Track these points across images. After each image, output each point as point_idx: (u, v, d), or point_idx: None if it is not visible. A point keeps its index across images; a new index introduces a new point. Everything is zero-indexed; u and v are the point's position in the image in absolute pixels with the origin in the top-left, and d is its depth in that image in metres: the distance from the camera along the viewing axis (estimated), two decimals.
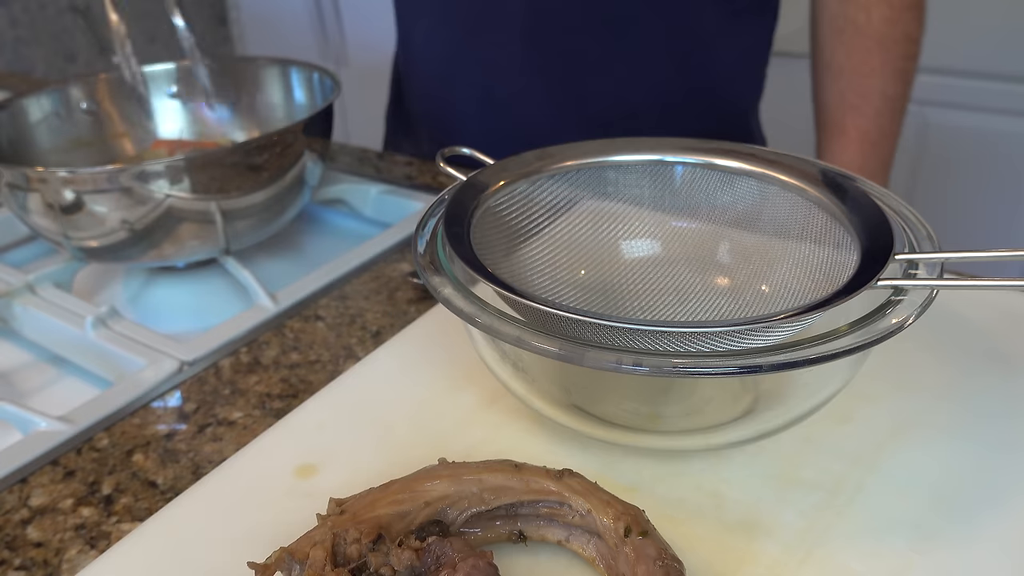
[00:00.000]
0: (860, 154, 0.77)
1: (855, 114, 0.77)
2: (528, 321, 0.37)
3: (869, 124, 0.76)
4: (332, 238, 0.76)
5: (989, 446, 0.42)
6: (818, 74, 0.80)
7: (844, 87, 0.77)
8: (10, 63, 1.95)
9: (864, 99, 0.76)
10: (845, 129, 0.77)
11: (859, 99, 0.76)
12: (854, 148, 0.77)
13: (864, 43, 0.75)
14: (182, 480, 0.45)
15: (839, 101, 0.78)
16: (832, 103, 0.78)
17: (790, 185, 0.47)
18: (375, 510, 0.35)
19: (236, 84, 0.79)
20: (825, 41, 0.78)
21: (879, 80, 0.75)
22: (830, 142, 0.79)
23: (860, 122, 0.77)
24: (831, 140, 0.79)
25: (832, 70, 0.78)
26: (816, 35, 0.79)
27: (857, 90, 0.76)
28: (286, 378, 0.53)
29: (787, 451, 0.43)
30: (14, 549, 0.42)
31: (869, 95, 0.76)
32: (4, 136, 0.70)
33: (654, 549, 0.33)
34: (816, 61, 0.80)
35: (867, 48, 0.75)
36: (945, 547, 0.37)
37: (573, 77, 0.81)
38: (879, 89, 0.76)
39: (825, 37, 0.78)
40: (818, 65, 0.80)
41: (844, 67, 0.76)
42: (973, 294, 0.54)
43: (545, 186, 0.49)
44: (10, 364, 0.61)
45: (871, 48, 0.75)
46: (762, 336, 0.36)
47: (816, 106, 0.82)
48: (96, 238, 0.61)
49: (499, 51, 0.81)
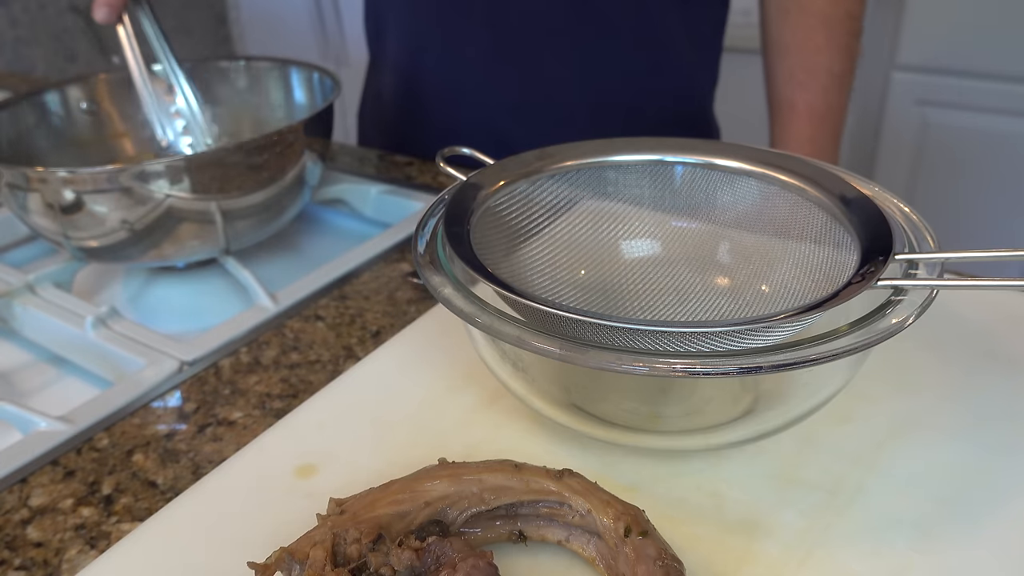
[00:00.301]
0: (810, 127, 0.81)
1: (803, 90, 0.80)
2: (528, 321, 0.37)
3: (817, 99, 0.80)
4: (332, 238, 0.76)
5: (989, 446, 0.42)
6: (768, 54, 0.84)
7: (792, 64, 0.81)
8: (10, 63, 1.96)
9: (811, 76, 0.80)
10: (795, 105, 0.81)
11: (807, 76, 0.80)
12: (803, 122, 0.81)
13: (808, 21, 0.79)
14: (182, 480, 0.45)
15: (788, 78, 0.81)
16: (782, 80, 0.82)
17: (790, 185, 0.47)
18: (375, 510, 0.35)
19: (236, 84, 0.79)
20: (772, 21, 0.82)
21: (825, 57, 0.79)
22: (781, 118, 0.83)
23: (808, 97, 0.80)
24: (782, 116, 0.83)
25: (780, 49, 0.81)
26: (764, 16, 0.83)
27: (804, 67, 0.80)
28: (286, 378, 0.53)
29: (787, 451, 0.43)
30: (14, 549, 0.42)
31: (816, 71, 0.80)
32: (4, 136, 0.70)
33: (654, 549, 0.33)
34: (765, 41, 0.84)
35: (811, 26, 0.79)
36: (945, 547, 0.37)
37: (538, 64, 0.82)
38: (825, 66, 0.79)
39: (772, 17, 0.82)
40: (767, 45, 0.84)
41: (791, 46, 0.80)
42: (973, 294, 0.54)
43: (545, 186, 0.49)
44: (10, 364, 0.61)
45: (815, 26, 0.78)
46: (762, 336, 0.36)
47: (767, 85, 0.85)
48: (96, 238, 0.61)
49: (465, 40, 0.83)
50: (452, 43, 0.84)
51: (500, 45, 0.82)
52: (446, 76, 0.85)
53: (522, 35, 0.81)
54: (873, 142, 1.65)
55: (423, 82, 0.87)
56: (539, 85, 0.83)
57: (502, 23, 0.81)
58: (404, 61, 0.88)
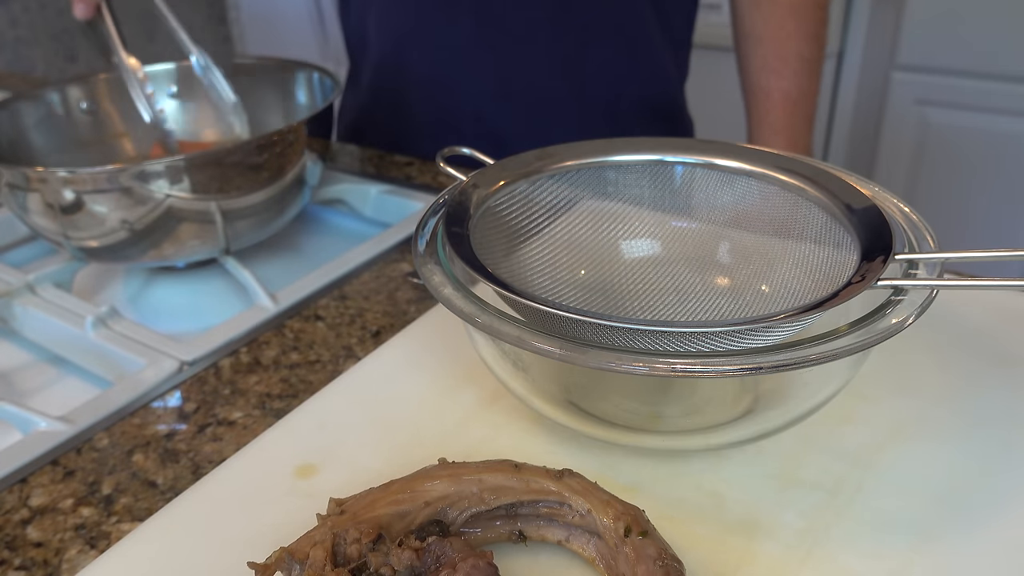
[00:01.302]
0: (784, 113, 0.85)
1: (776, 77, 0.85)
2: (528, 321, 0.37)
3: (790, 85, 0.85)
4: (332, 238, 0.76)
5: (989, 446, 0.42)
6: (740, 44, 0.88)
7: (766, 52, 0.85)
8: (10, 63, 1.96)
9: (784, 62, 0.84)
10: (769, 92, 0.85)
11: (780, 63, 0.84)
12: (779, 108, 0.85)
13: (778, 11, 0.83)
14: (182, 480, 0.45)
15: (762, 66, 0.85)
16: (756, 69, 0.86)
17: (790, 185, 0.47)
18: (375, 510, 0.35)
19: (236, 84, 0.79)
20: (744, 13, 0.86)
21: (795, 43, 0.84)
22: (757, 106, 0.87)
23: (782, 84, 0.85)
24: (758, 104, 0.87)
25: (752, 39, 0.86)
26: (736, 8, 0.87)
27: (777, 54, 0.84)
28: (286, 378, 0.53)
29: (787, 451, 0.43)
30: (14, 549, 0.42)
31: (788, 58, 0.84)
32: (4, 136, 0.70)
33: (654, 549, 0.33)
34: (738, 32, 0.88)
35: (782, 16, 0.83)
36: (945, 547, 0.37)
37: (520, 53, 0.84)
38: (796, 52, 0.84)
39: (744, 9, 0.86)
40: (740, 36, 0.88)
41: (763, 35, 0.84)
42: (973, 294, 0.54)
43: (545, 186, 0.49)
44: (10, 364, 0.61)
45: (785, 15, 0.83)
46: (762, 336, 0.36)
47: (741, 74, 0.89)
48: (96, 238, 0.61)
49: (451, 30, 0.84)
50: (436, 35, 0.85)
51: (483, 35, 0.83)
52: (431, 68, 0.87)
53: (504, 24, 0.82)
54: (873, 142, 1.65)
55: (407, 76, 0.88)
56: (522, 74, 0.85)
57: (485, 12, 0.82)
58: (388, 57, 0.89)
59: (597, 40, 0.84)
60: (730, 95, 1.02)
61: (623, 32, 0.84)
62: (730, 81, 0.95)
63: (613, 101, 0.87)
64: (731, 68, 0.91)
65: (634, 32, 0.85)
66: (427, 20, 0.85)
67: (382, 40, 0.89)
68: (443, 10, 0.83)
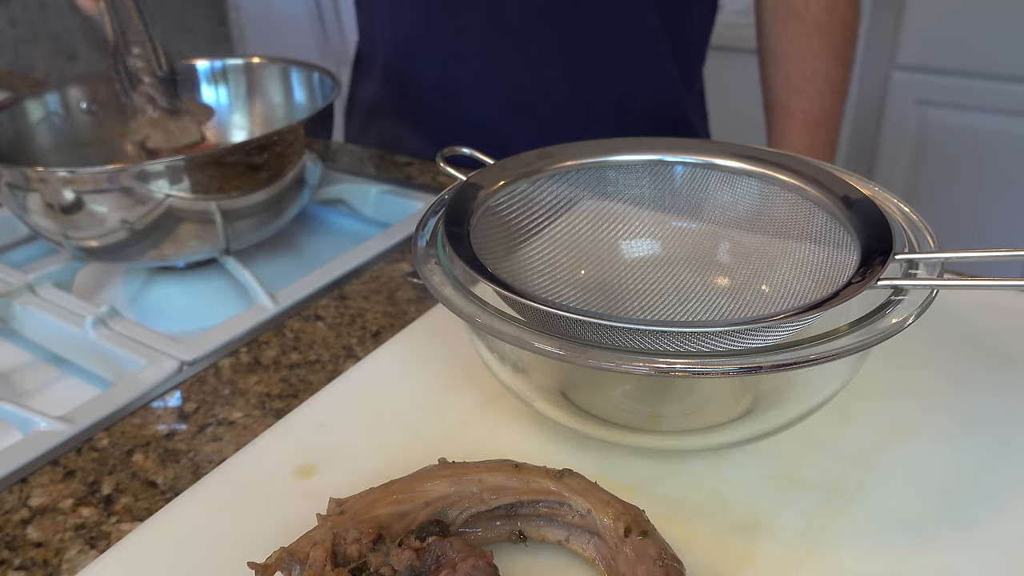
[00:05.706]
0: (806, 133, 0.83)
1: (800, 96, 0.83)
2: (528, 321, 0.37)
3: (813, 105, 0.83)
4: (332, 238, 0.76)
5: (989, 446, 0.42)
6: (764, 61, 0.86)
7: (789, 71, 0.83)
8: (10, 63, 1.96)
9: (807, 82, 0.82)
10: (791, 111, 0.83)
11: (803, 82, 0.82)
12: (800, 128, 0.83)
13: (804, 29, 0.81)
14: (182, 480, 0.45)
15: (784, 84, 0.83)
16: (778, 87, 0.84)
17: (790, 185, 0.47)
18: (375, 510, 0.35)
19: (236, 84, 0.79)
20: (769, 30, 0.84)
21: (821, 63, 0.81)
22: (778, 124, 0.85)
23: (804, 104, 0.83)
24: (779, 122, 0.85)
25: (777, 56, 0.84)
26: (760, 24, 0.85)
27: (801, 74, 0.82)
28: (286, 378, 0.53)
29: (787, 451, 0.43)
30: (14, 549, 0.42)
31: (812, 78, 0.82)
32: (4, 136, 0.70)
33: (654, 549, 0.33)
34: (762, 49, 0.86)
35: (807, 34, 0.81)
36: (945, 547, 0.37)
37: (529, 60, 0.83)
38: (821, 71, 0.82)
39: (768, 26, 0.84)
40: (764, 53, 0.86)
41: (788, 53, 0.82)
42: (973, 294, 0.54)
43: (545, 186, 0.49)
44: (10, 364, 0.61)
45: (811, 34, 0.81)
46: (762, 336, 0.36)
47: (764, 91, 0.87)
48: (96, 238, 0.61)
49: (460, 37, 0.83)
50: (446, 40, 0.84)
51: (493, 41, 0.82)
52: (439, 75, 0.86)
53: (515, 30, 0.82)
54: (873, 142, 1.65)
55: (413, 81, 0.88)
56: (531, 81, 0.84)
57: (495, 18, 0.81)
58: (395, 59, 0.89)
59: (605, 52, 0.83)
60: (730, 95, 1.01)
61: (632, 45, 0.83)
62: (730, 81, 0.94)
63: (620, 113, 0.86)
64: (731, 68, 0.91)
65: (643, 45, 0.84)
66: (434, 27, 0.84)
67: (388, 47, 0.89)
68: (452, 17, 0.83)
